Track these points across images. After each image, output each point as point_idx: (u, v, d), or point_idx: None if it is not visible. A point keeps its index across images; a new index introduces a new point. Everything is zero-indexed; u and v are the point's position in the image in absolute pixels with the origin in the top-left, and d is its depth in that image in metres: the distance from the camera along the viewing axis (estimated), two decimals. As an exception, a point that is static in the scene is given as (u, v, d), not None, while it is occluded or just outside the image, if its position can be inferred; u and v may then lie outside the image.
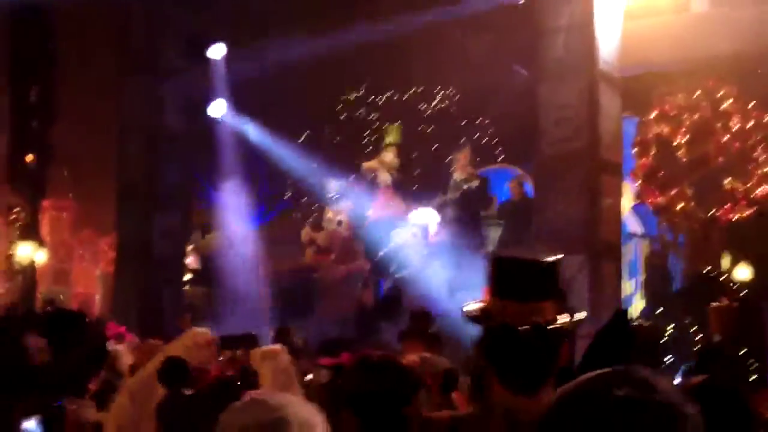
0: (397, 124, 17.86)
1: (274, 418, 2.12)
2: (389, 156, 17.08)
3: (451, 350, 8.03)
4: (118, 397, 5.26)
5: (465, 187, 14.87)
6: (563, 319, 2.82)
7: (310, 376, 6.29)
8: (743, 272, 13.15)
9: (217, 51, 16.27)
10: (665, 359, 8.35)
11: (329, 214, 16.41)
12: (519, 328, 2.73)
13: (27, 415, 2.12)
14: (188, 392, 3.92)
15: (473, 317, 2.88)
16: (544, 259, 2.89)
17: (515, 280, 2.79)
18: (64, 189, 24.95)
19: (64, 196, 27.90)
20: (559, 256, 2.94)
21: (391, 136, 17.48)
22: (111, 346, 7.74)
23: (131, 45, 16.53)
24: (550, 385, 2.67)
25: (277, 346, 4.63)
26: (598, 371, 1.80)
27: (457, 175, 15.35)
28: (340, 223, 16.00)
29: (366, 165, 16.77)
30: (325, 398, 4.90)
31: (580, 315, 3.00)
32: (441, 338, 8.01)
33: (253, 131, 16.89)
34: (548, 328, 2.75)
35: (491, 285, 2.85)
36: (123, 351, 7.98)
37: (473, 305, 2.94)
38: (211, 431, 2.14)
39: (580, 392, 1.76)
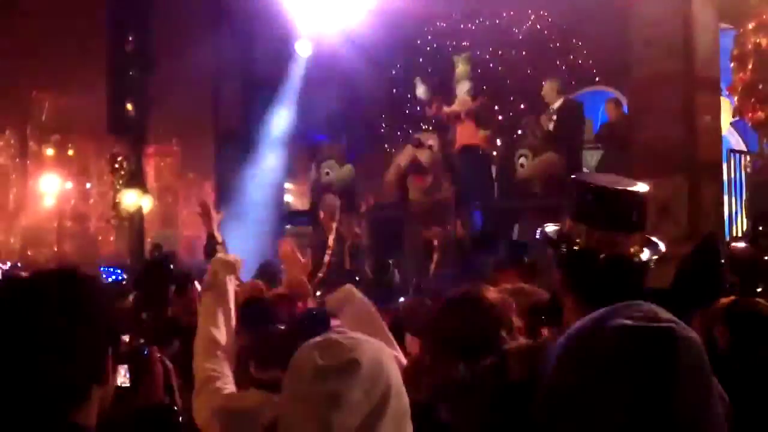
0: (464, 54, 17.39)
1: (346, 359, 2.15)
2: (463, 91, 16.64)
3: (548, 280, 7.99)
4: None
5: (554, 114, 14.63)
6: (647, 254, 2.79)
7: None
8: None
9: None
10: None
11: (423, 137, 16.33)
12: (602, 255, 2.70)
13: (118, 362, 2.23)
14: (273, 330, 3.99)
15: (552, 240, 2.87)
16: (633, 189, 2.85)
17: (602, 208, 2.76)
18: (167, 135, 25.44)
19: (167, 142, 28.43)
20: (647, 188, 2.90)
21: (461, 68, 17.01)
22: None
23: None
24: None
25: (347, 286, 4.66)
26: (608, 307, 1.84)
27: (552, 105, 15.12)
28: (431, 147, 15.92)
29: (452, 108, 16.51)
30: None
31: (662, 247, 2.97)
32: (537, 268, 7.89)
33: (341, 65, 16.89)
34: (633, 260, 2.73)
35: (575, 210, 2.82)
36: None
37: (552, 227, 2.93)
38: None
39: (590, 324, 1.82)
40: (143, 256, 20.59)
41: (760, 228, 11.49)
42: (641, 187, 2.85)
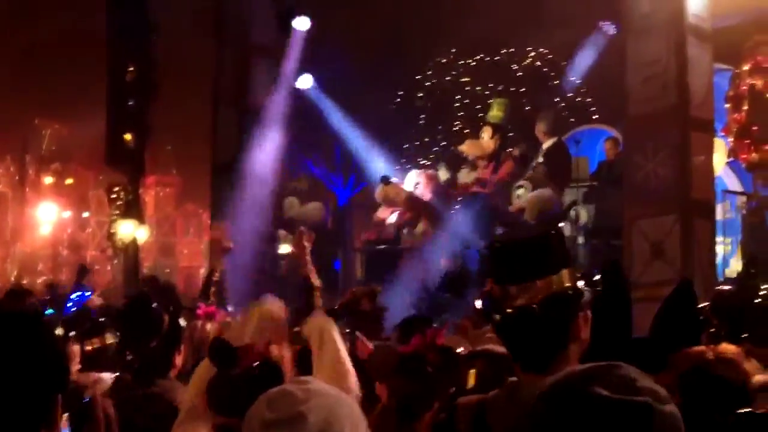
0: (502, 99, 17.21)
1: (293, 413, 2.10)
2: (485, 138, 16.48)
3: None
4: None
5: (543, 153, 14.65)
6: (565, 291, 2.74)
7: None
8: None
9: (301, 23, 16.35)
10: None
11: (410, 176, 16.31)
12: (510, 309, 2.67)
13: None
14: (234, 372, 3.93)
15: (483, 310, 2.88)
16: (535, 236, 2.84)
17: (508, 264, 2.73)
18: (166, 165, 25.48)
19: (167, 172, 28.47)
20: (557, 229, 2.89)
21: (494, 112, 16.76)
22: (201, 326, 7.87)
23: (222, 23, 16.75)
24: (564, 362, 2.59)
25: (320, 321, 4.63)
26: (583, 367, 1.75)
27: (543, 144, 15.12)
28: (417, 185, 15.89)
29: (461, 148, 16.43)
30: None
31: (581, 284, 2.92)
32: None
33: (339, 101, 16.97)
34: (542, 305, 2.68)
35: (490, 273, 2.80)
36: (211, 331, 8.05)
37: (480, 299, 2.95)
38: None
39: (563, 388, 1.72)
40: (138, 287, 20.51)
41: (752, 270, 11.45)
42: (547, 233, 2.84)
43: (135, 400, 5.47)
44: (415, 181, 16.03)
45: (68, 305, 15.89)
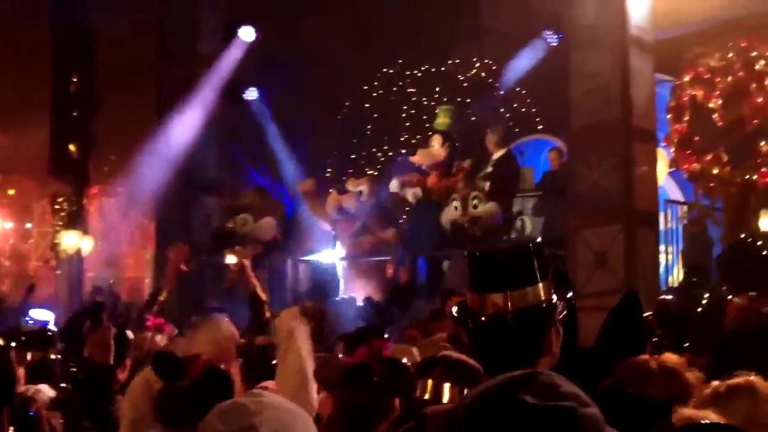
0: (448, 106, 17.32)
1: (245, 425, 2.10)
2: (436, 146, 16.57)
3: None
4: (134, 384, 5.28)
5: (493, 163, 14.74)
6: (540, 303, 2.77)
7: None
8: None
9: (247, 33, 16.32)
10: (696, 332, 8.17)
11: (351, 184, 16.32)
12: (483, 319, 2.69)
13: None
14: (182, 384, 3.92)
15: (458, 318, 2.87)
16: (516, 246, 2.86)
17: (488, 272, 2.76)
18: (111, 175, 25.21)
19: (111, 182, 28.15)
20: (537, 240, 2.91)
21: (441, 119, 16.84)
22: (150, 337, 7.82)
23: (167, 34, 16.67)
24: None
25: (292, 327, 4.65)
26: (507, 375, 1.79)
27: (493, 155, 15.22)
28: (361, 193, 15.91)
29: (414, 159, 16.43)
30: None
31: (569, 294, 2.95)
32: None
33: (286, 112, 16.95)
34: (516, 315, 2.70)
35: (469, 281, 2.82)
36: (161, 343, 8.02)
37: (456, 307, 2.93)
38: None
39: (487, 397, 1.75)
40: (82, 297, 20.35)
41: (693, 279, 11.60)
42: (521, 245, 2.87)
43: (79, 413, 5.42)
44: (358, 189, 16.04)
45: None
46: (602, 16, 11.40)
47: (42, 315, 11.79)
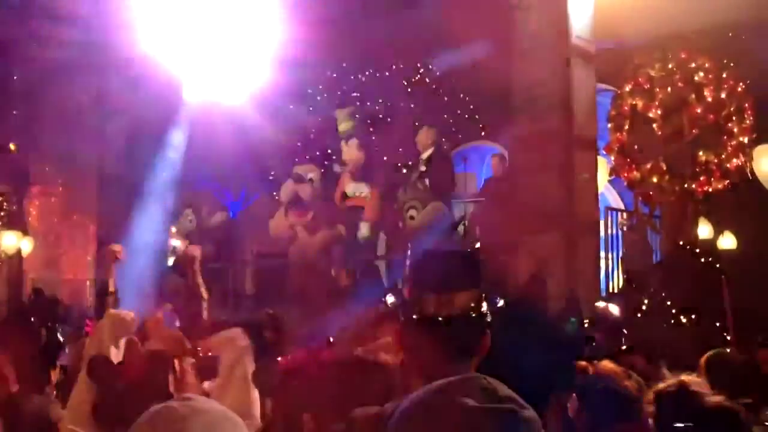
0: (346, 109, 17.59)
1: (173, 430, 2.11)
2: (353, 150, 16.78)
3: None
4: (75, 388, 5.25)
5: (423, 168, 14.86)
6: (480, 308, 2.83)
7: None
8: (727, 241, 13.14)
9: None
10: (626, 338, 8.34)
11: (301, 169, 16.39)
12: (432, 318, 2.74)
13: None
14: (118, 387, 3.93)
15: (395, 308, 2.93)
16: (461, 251, 2.91)
17: (431, 273, 2.82)
18: (51, 176, 24.89)
19: (52, 183, 27.76)
20: (476, 247, 2.97)
21: (343, 125, 17.16)
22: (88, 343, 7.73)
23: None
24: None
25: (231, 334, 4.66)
26: (446, 380, 1.84)
27: (422, 154, 15.37)
28: (311, 180, 15.97)
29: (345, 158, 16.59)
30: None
31: (500, 303, 3.02)
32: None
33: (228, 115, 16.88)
34: (462, 317, 2.76)
35: (410, 278, 2.88)
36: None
37: (392, 299, 2.99)
38: None
39: (428, 400, 1.81)
40: (22, 299, 20.09)
41: (632, 285, 11.80)
42: (467, 251, 2.93)
43: (11, 415, 5.37)
44: (308, 176, 16.08)
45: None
46: (544, 25, 11.55)
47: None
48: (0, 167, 20.63)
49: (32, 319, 6.28)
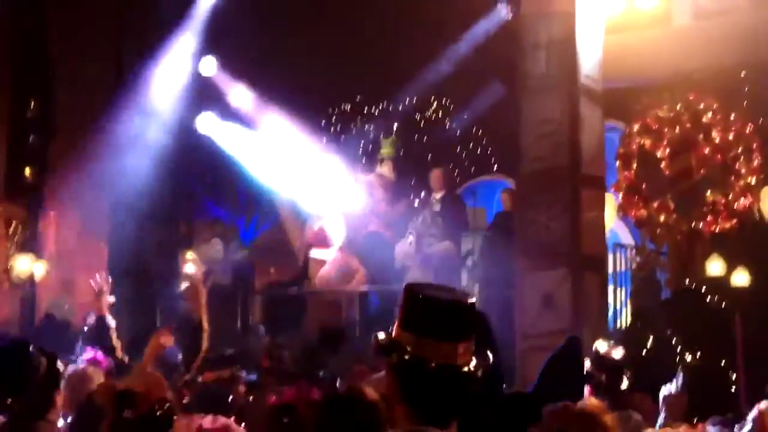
0: (391, 137, 17.82)
1: None
2: (386, 170, 17.05)
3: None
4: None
5: (438, 206, 14.97)
6: (474, 363, 2.88)
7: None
8: (741, 278, 13.16)
9: (208, 66, 16.55)
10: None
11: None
12: (433, 365, 2.78)
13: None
14: (129, 416, 4.04)
15: (382, 347, 2.92)
16: (459, 300, 2.92)
17: (429, 318, 2.82)
18: (67, 200, 25.07)
19: (68, 207, 27.95)
20: (474, 299, 2.97)
21: (386, 149, 17.43)
22: (84, 369, 7.80)
23: (123, 65, 16.78)
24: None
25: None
26: None
27: (434, 194, 15.48)
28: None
29: (364, 179, 16.75)
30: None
31: (490, 358, 3.07)
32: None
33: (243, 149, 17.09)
34: (463, 370, 2.82)
35: (404, 318, 2.87)
36: (96, 376, 7.96)
37: (383, 335, 2.97)
38: None
39: None
40: (34, 323, 20.26)
41: (638, 324, 11.85)
42: (468, 298, 2.94)
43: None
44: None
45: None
46: (554, 65, 11.65)
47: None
48: (15, 192, 20.84)
49: (31, 350, 6.35)
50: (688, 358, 10.83)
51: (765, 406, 6.50)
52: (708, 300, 11.47)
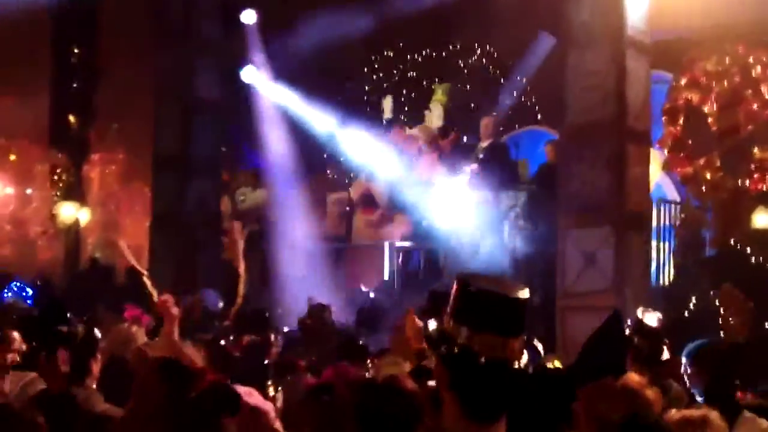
0: (445, 84, 17.68)
1: None
2: (436, 114, 16.95)
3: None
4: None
5: (482, 155, 14.78)
6: (525, 358, 2.85)
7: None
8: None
9: (249, 16, 16.37)
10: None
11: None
12: (483, 360, 2.72)
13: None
14: (187, 395, 3.98)
15: (432, 339, 2.88)
16: (515, 295, 2.85)
17: (483, 312, 2.76)
18: (112, 143, 25.21)
19: (112, 150, 28.11)
20: (527, 294, 2.90)
21: (438, 96, 17.31)
22: (126, 329, 7.80)
23: (167, 14, 16.64)
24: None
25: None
26: None
27: (482, 143, 15.29)
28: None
29: (409, 132, 16.63)
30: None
31: (541, 351, 3.03)
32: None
33: (287, 96, 16.96)
34: (512, 365, 2.77)
35: (456, 310, 2.80)
36: (139, 334, 7.97)
37: (434, 325, 2.94)
38: None
39: None
40: (78, 267, 20.56)
41: (680, 281, 11.63)
42: (522, 293, 2.87)
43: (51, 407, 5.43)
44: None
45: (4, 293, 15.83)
46: (599, 15, 11.39)
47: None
48: (60, 139, 20.97)
49: (68, 315, 6.35)
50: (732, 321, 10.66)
51: None
52: (753, 259, 11.24)
